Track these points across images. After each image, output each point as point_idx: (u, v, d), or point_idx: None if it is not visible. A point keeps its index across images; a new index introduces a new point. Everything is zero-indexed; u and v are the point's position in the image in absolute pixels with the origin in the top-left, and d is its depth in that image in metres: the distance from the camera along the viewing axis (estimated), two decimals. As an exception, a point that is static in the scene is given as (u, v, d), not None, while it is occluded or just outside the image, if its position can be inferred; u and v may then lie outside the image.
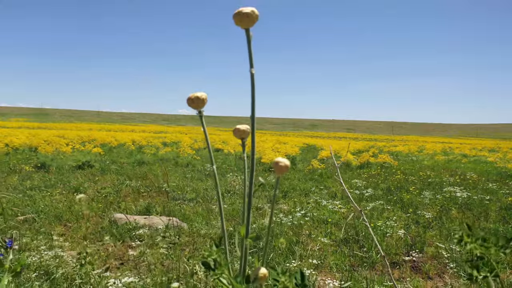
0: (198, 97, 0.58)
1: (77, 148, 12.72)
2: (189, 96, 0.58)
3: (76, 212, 5.02)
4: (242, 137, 0.63)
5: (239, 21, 0.54)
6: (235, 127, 0.63)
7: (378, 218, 5.22)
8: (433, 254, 3.86)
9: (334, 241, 4.20)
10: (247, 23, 0.54)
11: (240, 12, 0.53)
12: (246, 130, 0.62)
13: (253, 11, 0.53)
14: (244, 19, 0.53)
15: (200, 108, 0.60)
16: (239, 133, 0.62)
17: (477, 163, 14.92)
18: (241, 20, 0.54)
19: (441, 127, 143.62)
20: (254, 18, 0.53)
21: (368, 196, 6.88)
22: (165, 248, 3.68)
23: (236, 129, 0.63)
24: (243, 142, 0.64)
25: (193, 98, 0.58)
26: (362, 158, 12.32)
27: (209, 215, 5.17)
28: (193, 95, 0.58)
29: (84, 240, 3.99)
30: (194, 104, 0.59)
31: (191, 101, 0.58)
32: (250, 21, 0.54)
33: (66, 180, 7.56)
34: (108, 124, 56.49)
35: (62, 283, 2.57)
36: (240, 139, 0.64)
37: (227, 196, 6.63)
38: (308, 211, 5.50)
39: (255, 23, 0.54)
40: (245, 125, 0.62)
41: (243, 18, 0.53)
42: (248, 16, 0.53)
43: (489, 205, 6.23)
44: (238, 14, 0.53)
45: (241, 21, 0.54)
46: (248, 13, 0.53)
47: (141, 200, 6.01)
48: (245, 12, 0.53)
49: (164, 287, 2.17)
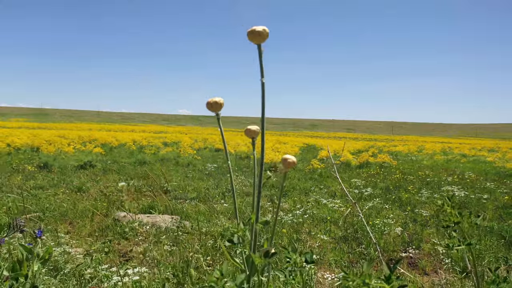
0: (216, 102, 0.68)
1: (78, 148, 12.82)
2: (208, 100, 0.68)
3: (80, 210, 5.12)
4: (252, 136, 0.73)
5: (252, 38, 0.63)
6: (246, 127, 0.73)
7: (377, 216, 5.32)
8: (430, 251, 3.96)
9: (334, 239, 4.30)
10: (258, 39, 0.64)
11: (253, 30, 0.63)
12: (256, 131, 0.72)
13: (264, 30, 0.62)
14: (256, 36, 0.63)
15: (217, 111, 0.69)
16: (250, 133, 0.72)
17: (476, 163, 15.03)
18: (254, 37, 0.63)
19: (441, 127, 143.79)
20: (265, 36, 0.63)
21: (367, 195, 6.98)
22: (169, 245, 3.78)
23: (248, 130, 0.72)
24: (253, 141, 0.74)
25: (212, 102, 0.68)
26: (362, 158, 12.42)
27: (210, 214, 5.27)
28: (212, 100, 0.67)
29: (89, 238, 4.09)
30: (213, 108, 0.69)
31: (210, 105, 0.68)
32: (262, 38, 0.63)
33: (68, 179, 7.65)
34: (108, 124, 56.55)
35: (71, 278, 2.67)
36: (250, 138, 0.74)
37: (228, 195, 6.72)
38: (308, 209, 5.60)
39: (265, 40, 0.64)
40: (256, 126, 0.72)
41: (255, 35, 0.63)
42: (260, 34, 0.63)
43: (486, 204, 6.33)
44: (251, 32, 0.63)
45: (254, 38, 0.63)
46: (260, 31, 0.63)
47: (144, 199, 6.11)
48: (258, 30, 0.63)
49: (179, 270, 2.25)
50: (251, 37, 0.63)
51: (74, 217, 4.83)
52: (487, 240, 4.27)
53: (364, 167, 11.73)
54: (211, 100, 0.67)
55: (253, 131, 0.72)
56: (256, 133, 0.72)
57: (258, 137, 0.74)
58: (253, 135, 0.72)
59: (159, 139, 19.77)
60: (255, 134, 0.72)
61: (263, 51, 0.65)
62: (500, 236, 4.48)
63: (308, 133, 71.51)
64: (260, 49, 0.64)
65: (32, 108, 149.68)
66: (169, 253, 3.49)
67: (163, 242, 3.93)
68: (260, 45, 0.64)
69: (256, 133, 0.72)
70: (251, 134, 0.72)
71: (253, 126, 0.72)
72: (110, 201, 5.86)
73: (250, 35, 0.63)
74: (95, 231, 4.30)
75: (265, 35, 0.63)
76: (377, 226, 4.65)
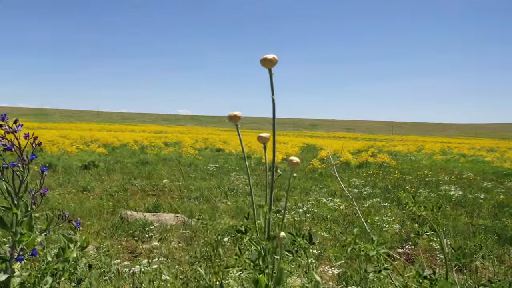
0: (236, 115, 0.84)
1: (81, 149, 12.98)
2: (229, 114, 0.84)
3: (87, 209, 5.28)
4: (264, 142, 0.89)
5: (264, 64, 0.79)
6: (258, 134, 0.88)
7: (375, 214, 5.48)
8: (426, 248, 4.12)
9: (334, 236, 4.47)
10: (269, 65, 0.80)
11: (265, 58, 0.79)
12: (267, 137, 0.88)
13: (274, 57, 0.78)
14: (267, 63, 0.79)
15: (237, 122, 0.85)
16: (262, 139, 0.88)
17: (475, 163, 15.20)
18: (265, 63, 0.79)
19: (441, 127, 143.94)
20: (274, 62, 0.79)
21: (366, 195, 7.15)
22: (176, 241, 3.94)
23: (260, 136, 0.88)
24: (265, 146, 0.90)
25: (232, 115, 0.83)
26: (361, 158, 12.59)
27: (214, 212, 5.43)
28: (232, 114, 0.83)
29: (98, 236, 4.25)
30: (233, 120, 0.85)
31: (230, 118, 0.84)
32: (272, 64, 0.79)
33: (74, 179, 7.82)
34: (108, 124, 56.69)
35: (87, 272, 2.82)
36: (262, 144, 0.90)
37: (230, 194, 6.88)
38: (309, 208, 5.76)
39: (275, 65, 0.80)
40: (267, 133, 0.88)
41: (266, 62, 0.79)
42: (271, 61, 0.79)
43: (483, 203, 6.49)
44: (264, 60, 0.79)
45: (265, 64, 0.79)
46: (271, 59, 0.79)
47: (148, 198, 6.27)
48: (269, 58, 0.79)
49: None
50: (263, 63, 0.79)
51: (82, 215, 5.00)
52: (481, 238, 4.43)
53: (363, 167, 11.89)
54: (232, 114, 0.83)
55: (264, 138, 0.88)
56: (267, 139, 0.88)
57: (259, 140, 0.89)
58: (265, 141, 0.88)
59: (160, 139, 19.94)
60: (266, 140, 0.88)
61: (273, 74, 0.81)
62: (495, 234, 4.65)
63: (308, 133, 71.69)
64: (270, 72, 0.80)
65: (32, 108, 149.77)
66: (176, 249, 3.65)
67: (169, 239, 4.10)
68: (270, 69, 0.80)
69: (267, 139, 0.88)
70: (263, 140, 0.88)
71: (265, 134, 0.88)
72: (115, 200, 6.03)
73: (263, 61, 0.79)
74: (103, 229, 4.47)
75: (274, 62, 0.79)
76: (376, 223, 4.82)
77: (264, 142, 0.89)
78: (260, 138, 0.88)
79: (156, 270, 2.50)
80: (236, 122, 0.85)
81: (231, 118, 0.84)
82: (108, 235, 4.28)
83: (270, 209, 0.84)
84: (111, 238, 4.20)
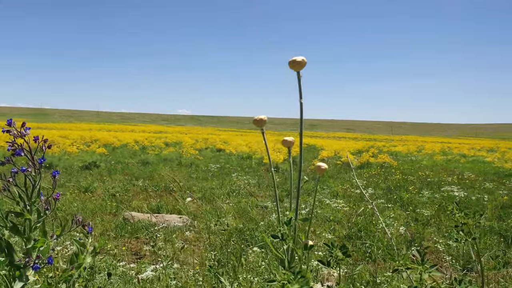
0: (262, 119, 0.81)
1: (81, 149, 12.94)
2: (255, 118, 0.81)
3: (90, 210, 5.25)
4: (288, 146, 0.86)
5: (292, 66, 0.77)
6: (283, 138, 0.86)
7: (379, 216, 5.45)
8: (431, 249, 4.09)
9: (338, 237, 4.44)
10: (298, 68, 0.77)
11: (294, 60, 0.76)
12: (292, 141, 0.85)
13: (303, 60, 0.76)
14: (296, 65, 0.76)
15: (262, 126, 0.83)
16: (287, 143, 0.85)
17: (475, 163, 15.18)
18: (294, 66, 0.77)
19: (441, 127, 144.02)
20: (303, 65, 0.76)
21: (369, 196, 7.12)
22: (181, 243, 3.91)
23: (284, 140, 0.85)
24: (289, 150, 0.87)
25: (258, 119, 0.81)
26: (362, 158, 12.57)
27: (217, 213, 5.40)
28: (258, 117, 0.81)
29: (101, 237, 4.22)
30: (259, 124, 0.82)
31: (256, 121, 0.81)
32: (301, 66, 0.76)
33: (75, 180, 7.78)
34: (107, 124, 56.61)
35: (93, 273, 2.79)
36: (286, 148, 0.87)
37: (232, 195, 6.85)
38: (311, 209, 5.74)
39: (303, 67, 0.77)
40: (291, 138, 0.85)
41: (295, 64, 0.76)
42: (300, 63, 0.76)
43: (486, 204, 6.47)
44: (292, 62, 0.76)
45: (294, 66, 0.77)
46: (300, 61, 0.76)
47: (151, 199, 6.24)
48: (298, 60, 0.76)
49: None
50: (292, 66, 0.77)
51: (85, 216, 4.96)
52: (487, 239, 4.41)
53: (365, 167, 11.87)
54: (257, 118, 0.80)
55: (290, 142, 0.85)
56: (292, 143, 0.85)
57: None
58: (289, 145, 0.86)
59: (160, 139, 19.89)
60: (291, 144, 0.85)
61: (301, 77, 0.78)
62: (500, 235, 4.63)
63: (307, 133, 71.64)
64: (299, 75, 0.78)
65: (31, 108, 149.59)
66: (183, 251, 3.62)
67: (173, 241, 4.07)
68: (299, 72, 0.77)
69: (292, 143, 0.85)
70: (287, 144, 0.85)
71: (290, 138, 0.85)
72: (118, 200, 6.00)
73: (291, 64, 0.76)
74: (106, 230, 4.44)
75: (303, 64, 0.76)
76: (380, 225, 4.79)
77: (289, 146, 0.86)
78: (285, 142, 0.85)
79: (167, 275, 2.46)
80: (261, 126, 0.83)
81: (258, 122, 0.81)
82: (112, 237, 4.25)
83: (297, 216, 0.81)
84: (115, 240, 4.17)
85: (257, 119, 0.81)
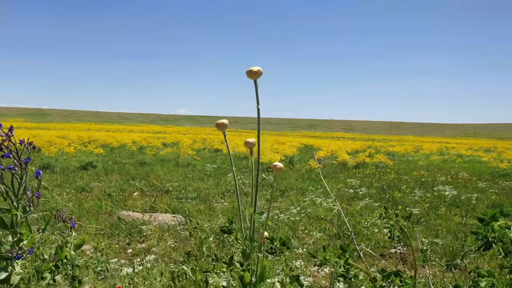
0: (223, 123, 0.89)
1: (79, 149, 13.01)
2: (217, 122, 0.89)
3: (86, 209, 5.33)
4: (250, 147, 0.95)
5: (249, 75, 0.85)
6: (245, 140, 0.94)
7: (369, 214, 5.54)
8: (417, 247, 4.18)
9: (328, 236, 4.53)
10: (254, 76, 0.85)
11: (251, 70, 0.84)
12: (253, 142, 0.93)
13: (258, 70, 0.84)
14: (253, 74, 0.85)
15: (224, 130, 0.91)
16: (249, 145, 0.94)
17: (471, 163, 15.29)
18: (251, 75, 0.85)
19: (439, 127, 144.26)
20: (259, 74, 0.85)
21: (361, 195, 7.21)
22: (172, 241, 4.00)
23: (246, 142, 0.94)
24: (251, 151, 0.95)
25: (220, 123, 0.89)
26: (358, 158, 12.67)
27: (211, 213, 5.48)
28: (220, 122, 0.89)
29: (96, 235, 4.31)
30: (221, 127, 0.90)
31: (218, 125, 0.89)
32: (257, 75, 0.85)
33: (72, 180, 7.86)
34: (106, 125, 56.64)
35: (85, 271, 2.88)
36: (249, 149, 0.95)
37: (227, 195, 6.94)
38: (304, 208, 5.83)
39: (260, 76, 0.85)
40: (252, 139, 0.94)
41: (252, 74, 0.85)
42: (256, 72, 0.84)
43: (477, 203, 6.57)
44: (249, 71, 0.84)
45: (251, 75, 0.85)
46: (256, 71, 0.84)
47: (146, 199, 6.32)
48: (254, 70, 0.84)
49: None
50: (249, 75, 0.85)
51: (81, 216, 5.04)
52: (472, 238, 4.49)
53: (360, 167, 11.96)
54: (219, 122, 0.89)
55: (251, 143, 0.93)
56: (253, 144, 0.94)
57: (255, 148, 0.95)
58: (251, 146, 0.94)
59: (158, 139, 19.97)
60: (252, 145, 0.94)
61: (258, 85, 0.86)
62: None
63: (306, 133, 71.77)
64: (256, 83, 0.86)
65: (30, 108, 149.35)
66: (172, 249, 3.70)
67: (166, 240, 4.15)
68: (256, 80, 0.86)
69: (253, 144, 0.94)
70: (249, 146, 0.94)
71: (251, 139, 0.93)
72: (113, 200, 6.08)
73: (248, 73, 0.85)
74: (101, 229, 4.52)
75: (259, 74, 0.85)
76: (369, 223, 4.88)
77: (251, 147, 0.95)
78: (247, 143, 0.93)
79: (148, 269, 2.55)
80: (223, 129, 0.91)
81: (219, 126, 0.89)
82: (106, 235, 4.33)
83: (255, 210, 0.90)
84: (109, 238, 4.25)
85: (219, 123, 0.89)
